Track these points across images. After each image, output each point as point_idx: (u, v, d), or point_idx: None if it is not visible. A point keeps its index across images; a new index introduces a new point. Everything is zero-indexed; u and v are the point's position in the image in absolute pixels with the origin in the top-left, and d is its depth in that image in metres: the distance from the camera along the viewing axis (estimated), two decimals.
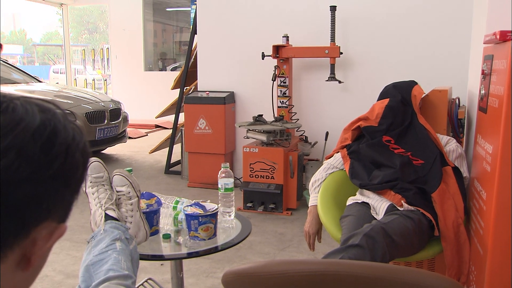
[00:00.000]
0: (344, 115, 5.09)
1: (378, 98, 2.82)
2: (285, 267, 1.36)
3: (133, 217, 1.87)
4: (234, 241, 2.01)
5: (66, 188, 0.66)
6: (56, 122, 0.64)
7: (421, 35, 4.87)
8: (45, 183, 0.62)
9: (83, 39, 30.02)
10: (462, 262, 2.30)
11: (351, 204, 2.52)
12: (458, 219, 2.31)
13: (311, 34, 5.17)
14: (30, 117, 0.62)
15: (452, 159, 2.55)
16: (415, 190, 2.37)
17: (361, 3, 5.06)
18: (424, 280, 1.39)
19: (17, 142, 0.59)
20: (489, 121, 2.12)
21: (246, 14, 5.52)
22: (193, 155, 5.62)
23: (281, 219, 4.48)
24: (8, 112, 0.61)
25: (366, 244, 1.94)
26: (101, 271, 1.50)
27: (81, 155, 0.67)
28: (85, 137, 0.71)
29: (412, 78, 4.44)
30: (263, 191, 4.59)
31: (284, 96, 5.20)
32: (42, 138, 0.61)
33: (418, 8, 4.85)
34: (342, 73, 5.12)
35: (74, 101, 6.52)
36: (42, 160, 0.61)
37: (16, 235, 0.61)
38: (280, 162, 4.57)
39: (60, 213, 0.67)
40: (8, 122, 0.60)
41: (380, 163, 2.58)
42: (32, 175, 0.60)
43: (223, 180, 2.22)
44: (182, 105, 6.08)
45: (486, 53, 2.29)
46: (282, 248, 3.78)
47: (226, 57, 5.70)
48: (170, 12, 13.76)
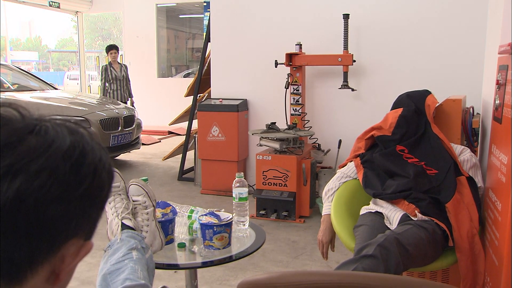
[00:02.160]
0: (357, 123, 5.11)
1: (392, 108, 2.82)
2: (300, 278, 1.37)
3: (149, 226, 1.89)
4: (249, 251, 2.02)
5: (93, 207, 0.68)
6: (84, 144, 0.67)
7: (435, 44, 4.88)
8: (74, 202, 0.64)
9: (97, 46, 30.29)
10: (477, 273, 2.29)
11: (365, 214, 2.52)
12: (472, 230, 2.31)
13: (324, 42, 5.19)
14: (60, 139, 0.64)
15: (467, 168, 2.55)
16: (429, 200, 2.37)
17: (374, 12, 5.07)
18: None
19: (49, 163, 0.61)
20: (504, 131, 2.12)
21: (259, 22, 5.56)
22: (206, 162, 5.65)
23: (294, 226, 4.49)
24: (41, 134, 0.63)
25: (380, 255, 1.94)
26: (118, 280, 1.52)
27: (107, 175, 0.70)
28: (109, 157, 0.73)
29: (426, 87, 4.43)
30: (276, 198, 4.60)
31: (297, 104, 5.21)
32: (72, 159, 0.64)
33: (432, 17, 4.86)
34: (355, 81, 5.13)
35: (88, 108, 6.59)
36: (71, 180, 0.63)
37: (47, 252, 0.63)
38: (293, 170, 4.58)
39: (87, 231, 0.69)
40: (41, 144, 0.62)
41: (393, 173, 2.58)
42: (63, 194, 0.62)
43: (237, 190, 2.23)
44: (195, 112, 6.12)
45: (501, 63, 2.28)
46: (295, 256, 3.78)
47: (239, 65, 5.73)
48: (183, 19, 13.85)
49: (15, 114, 0.66)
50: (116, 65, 8.44)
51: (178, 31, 14.07)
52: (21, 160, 0.60)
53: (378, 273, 1.86)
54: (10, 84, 7.38)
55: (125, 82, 8.55)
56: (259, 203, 4.70)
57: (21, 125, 0.64)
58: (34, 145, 0.62)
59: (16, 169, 0.59)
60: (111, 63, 8.39)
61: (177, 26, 13.79)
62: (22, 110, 0.67)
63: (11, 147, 0.60)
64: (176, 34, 14.05)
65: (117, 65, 8.44)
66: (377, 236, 2.12)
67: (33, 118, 0.66)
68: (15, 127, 0.63)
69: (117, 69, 8.40)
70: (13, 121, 0.64)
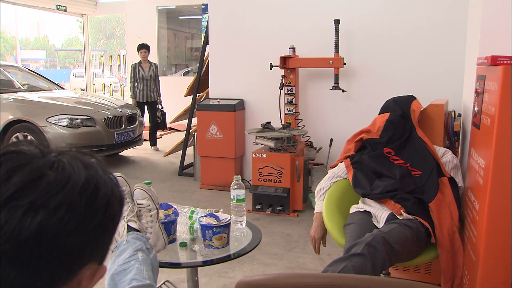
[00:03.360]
0: (347, 121, 5.17)
1: (380, 112, 2.86)
2: (294, 280, 1.41)
3: (153, 228, 1.93)
4: (246, 249, 2.06)
5: (106, 234, 0.72)
6: (98, 178, 0.70)
7: (420, 50, 4.91)
8: (89, 232, 0.68)
9: (100, 44, 30.16)
10: (456, 266, 2.35)
11: (354, 213, 2.56)
12: (453, 227, 2.36)
13: (316, 46, 5.21)
14: (76, 174, 0.68)
15: (448, 169, 2.59)
16: (414, 200, 2.42)
17: (364, 18, 5.09)
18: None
19: (66, 199, 0.65)
20: (482, 137, 2.16)
21: (255, 26, 5.58)
22: (205, 158, 5.68)
23: (288, 220, 4.53)
24: (59, 170, 0.67)
25: (368, 253, 1.99)
26: (125, 280, 1.56)
27: (118, 205, 0.74)
28: (119, 187, 0.77)
29: (412, 90, 4.48)
30: (271, 194, 4.64)
31: (291, 104, 5.24)
32: (87, 194, 0.67)
33: (418, 25, 4.89)
34: (346, 82, 5.16)
35: (93, 108, 6.60)
36: (87, 213, 0.67)
37: (65, 278, 0.67)
38: (287, 167, 4.62)
39: (100, 255, 0.73)
40: (59, 180, 0.66)
41: (381, 174, 2.63)
42: (79, 226, 0.66)
43: (235, 192, 2.27)
44: (194, 111, 6.15)
45: (479, 72, 2.32)
46: (289, 249, 3.82)
47: (236, 67, 5.75)
48: (183, 20, 13.83)
49: (36, 151, 0.69)
50: (146, 64, 7.98)
51: (178, 32, 14.04)
52: (42, 197, 0.63)
53: (366, 273, 1.91)
54: (20, 84, 7.39)
55: (153, 81, 8.02)
56: (255, 198, 4.73)
57: (42, 162, 0.67)
58: (53, 180, 0.65)
59: (37, 206, 0.63)
60: (141, 62, 7.95)
61: (176, 26, 13.76)
62: (42, 147, 0.71)
63: (33, 184, 0.64)
64: (175, 34, 14.03)
65: (146, 64, 7.98)
66: (365, 235, 2.17)
67: (51, 154, 0.70)
68: (38, 165, 0.66)
69: (145, 68, 7.92)
70: (35, 159, 0.67)
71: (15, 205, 0.62)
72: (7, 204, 0.62)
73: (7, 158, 0.66)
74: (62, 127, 6.05)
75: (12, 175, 0.64)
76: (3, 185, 0.63)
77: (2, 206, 0.61)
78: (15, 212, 0.62)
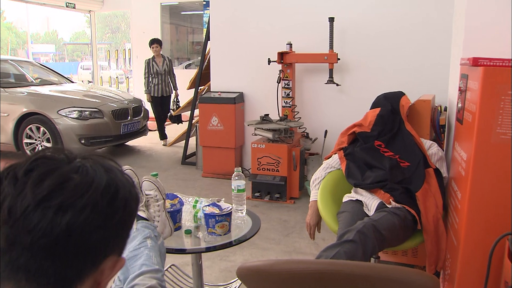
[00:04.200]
0: (341, 113, 5.22)
1: (371, 107, 2.91)
2: (290, 266, 1.48)
3: (160, 217, 1.98)
4: (246, 236, 2.12)
5: (124, 229, 0.78)
6: (117, 181, 0.76)
7: (409, 46, 4.95)
8: (111, 229, 0.74)
9: (106, 38, 30.02)
10: (440, 250, 2.42)
11: (347, 201, 2.62)
12: (437, 214, 2.42)
13: (312, 42, 5.24)
14: (98, 178, 0.73)
15: (434, 161, 2.65)
16: (402, 190, 2.48)
17: (357, 15, 5.12)
18: (406, 276, 1.50)
19: (91, 200, 0.70)
20: (464, 131, 2.22)
21: (254, 23, 5.60)
22: (207, 148, 5.73)
23: (285, 207, 4.60)
24: (83, 174, 0.73)
25: (359, 239, 2.05)
26: (136, 265, 1.62)
27: (134, 203, 0.79)
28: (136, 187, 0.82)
29: (401, 84, 4.53)
30: (269, 182, 4.70)
31: (288, 97, 5.28)
32: (108, 196, 0.73)
33: (407, 22, 4.93)
34: (339, 76, 5.20)
35: (101, 100, 6.64)
36: (108, 212, 0.73)
37: (90, 269, 0.73)
38: (284, 157, 4.68)
39: (120, 248, 0.79)
40: (84, 183, 0.71)
41: (372, 165, 2.68)
42: (102, 224, 0.72)
43: (236, 182, 2.32)
44: (196, 103, 6.20)
45: (462, 71, 2.37)
46: (286, 234, 3.89)
47: (236, 62, 5.78)
48: (185, 15, 13.80)
49: (63, 157, 0.75)
50: (159, 59, 7.60)
51: (180, 26, 14.03)
52: (69, 198, 0.69)
53: (357, 258, 1.97)
54: (33, 78, 7.43)
55: (167, 76, 7.66)
56: (254, 186, 4.79)
57: (68, 167, 0.73)
58: (79, 183, 0.71)
59: (66, 206, 0.69)
60: (154, 57, 7.58)
61: (179, 21, 13.74)
62: (68, 153, 0.76)
63: (61, 187, 0.69)
64: (178, 28, 14.01)
65: (159, 59, 7.60)
66: (357, 222, 2.22)
67: (76, 160, 0.75)
68: (65, 170, 0.72)
69: (159, 63, 7.56)
70: (63, 164, 0.73)
71: (47, 205, 0.68)
72: (40, 204, 0.68)
73: (38, 164, 0.72)
74: (72, 119, 6.10)
75: (43, 179, 0.69)
76: (36, 188, 0.68)
77: (36, 207, 0.67)
78: (47, 212, 0.67)
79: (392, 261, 3.13)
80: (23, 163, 0.73)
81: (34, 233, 0.67)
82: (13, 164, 0.74)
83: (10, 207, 0.68)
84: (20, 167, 0.72)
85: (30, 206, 0.67)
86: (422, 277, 1.54)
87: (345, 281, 1.41)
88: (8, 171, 0.72)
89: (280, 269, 1.47)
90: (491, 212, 2.02)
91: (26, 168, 0.71)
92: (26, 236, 0.67)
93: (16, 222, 0.67)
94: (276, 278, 1.48)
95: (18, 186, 0.69)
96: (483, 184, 2.01)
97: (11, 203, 0.68)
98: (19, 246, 0.68)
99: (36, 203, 0.68)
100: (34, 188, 0.69)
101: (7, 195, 0.69)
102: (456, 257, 2.19)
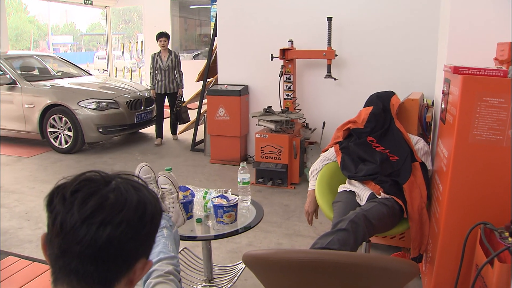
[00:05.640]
0: (338, 105, 5.31)
1: (365, 105, 2.99)
2: (289, 255, 1.59)
3: (174, 208, 2.10)
4: (251, 225, 2.25)
5: (151, 238, 0.89)
6: (145, 199, 0.87)
7: (401, 44, 5.01)
8: (141, 239, 0.85)
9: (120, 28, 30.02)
10: (423, 236, 2.53)
11: (341, 192, 2.73)
12: (422, 204, 2.53)
13: (312, 39, 5.30)
14: (130, 196, 0.84)
15: (420, 155, 2.75)
16: (391, 182, 2.58)
17: (353, 15, 5.17)
18: (390, 264, 1.62)
19: (126, 217, 0.82)
20: (446, 131, 2.31)
21: (259, 21, 5.66)
22: (214, 137, 5.84)
23: (286, 192, 4.71)
24: (118, 194, 0.83)
25: (351, 228, 2.16)
26: (154, 253, 1.73)
27: (159, 216, 0.90)
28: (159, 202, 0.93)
29: (394, 80, 4.60)
30: (271, 169, 4.81)
31: (289, 90, 5.36)
32: (139, 212, 0.84)
33: (400, 20, 4.97)
34: (337, 71, 5.27)
35: (116, 92, 6.74)
36: (139, 226, 0.84)
37: (125, 271, 0.85)
38: (286, 146, 4.78)
39: (148, 252, 0.90)
40: (119, 202, 0.82)
41: (364, 159, 2.78)
42: (134, 235, 0.83)
43: (241, 175, 2.43)
44: (204, 94, 6.29)
45: (446, 75, 2.46)
46: (287, 217, 4.01)
47: (242, 57, 5.85)
48: (193, 9, 13.83)
49: (100, 178, 0.85)
50: (165, 53, 6.80)
51: (189, 19, 14.06)
52: (108, 216, 0.80)
53: (349, 244, 2.08)
54: (55, 72, 7.54)
55: (171, 72, 6.83)
56: (257, 173, 4.91)
57: (106, 190, 0.84)
58: (115, 202, 0.82)
59: (106, 222, 0.80)
60: (160, 51, 6.82)
61: (188, 14, 13.76)
62: (104, 175, 0.87)
63: (102, 207, 0.80)
64: (186, 21, 14.04)
65: (165, 54, 6.80)
66: (349, 212, 2.34)
67: (112, 182, 0.86)
68: (104, 192, 0.83)
69: (164, 58, 6.77)
70: (101, 186, 0.84)
71: (91, 222, 0.79)
72: (85, 221, 0.79)
73: (81, 185, 0.83)
74: (91, 110, 6.22)
75: (87, 201, 0.80)
76: (82, 208, 0.80)
77: (82, 223, 0.79)
78: (91, 227, 0.79)
79: (382, 243, 3.25)
80: (69, 184, 0.84)
81: (81, 244, 0.78)
82: (61, 185, 0.85)
83: (61, 222, 0.79)
84: (67, 188, 0.83)
85: (77, 222, 0.79)
86: (403, 264, 1.66)
87: (335, 269, 1.52)
88: (57, 191, 0.83)
89: (280, 258, 1.59)
90: (467, 204, 2.13)
91: (72, 189, 0.82)
92: (75, 246, 0.78)
93: (67, 235, 0.79)
94: (277, 265, 1.59)
95: (66, 205, 0.80)
96: (461, 179, 2.12)
97: (62, 219, 0.79)
98: (70, 254, 0.79)
99: (82, 220, 0.79)
100: (80, 207, 0.80)
101: (58, 212, 0.80)
102: (436, 242, 2.32)
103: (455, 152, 2.10)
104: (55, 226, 0.80)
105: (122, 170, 0.95)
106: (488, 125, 2.01)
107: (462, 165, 2.10)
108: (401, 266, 1.61)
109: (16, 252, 3.35)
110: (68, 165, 5.83)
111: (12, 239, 3.59)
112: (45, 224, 0.84)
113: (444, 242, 2.23)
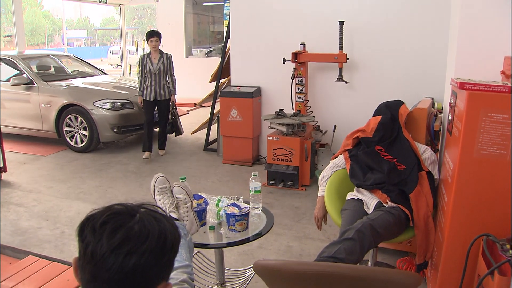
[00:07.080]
0: (349, 108, 5.38)
1: (374, 114, 3.06)
2: (298, 267, 1.69)
3: (188, 216, 2.20)
4: (261, 233, 2.34)
5: (171, 264, 0.99)
6: (166, 229, 0.97)
7: (412, 48, 5.06)
8: (162, 265, 0.96)
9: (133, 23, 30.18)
10: (428, 243, 2.62)
11: (349, 200, 2.82)
12: (428, 213, 2.61)
13: (324, 43, 5.37)
14: (152, 228, 0.95)
15: (427, 164, 2.82)
16: (397, 191, 2.66)
17: (365, 19, 5.23)
18: (393, 277, 1.71)
19: (149, 247, 0.92)
20: (452, 143, 2.39)
21: (271, 24, 5.74)
22: (227, 138, 5.95)
23: (297, 194, 4.81)
24: (142, 226, 0.94)
25: (357, 237, 2.25)
26: None
27: (177, 244, 1.01)
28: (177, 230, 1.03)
29: (404, 84, 4.65)
30: (283, 171, 4.91)
31: (301, 93, 5.44)
32: (160, 242, 0.95)
33: (411, 25, 5.02)
34: (348, 75, 5.34)
35: (130, 92, 6.86)
36: (160, 255, 0.94)
37: None
38: (297, 149, 4.87)
39: (168, 276, 1.00)
40: (143, 234, 0.93)
41: (372, 167, 2.86)
42: (156, 263, 0.94)
43: (253, 184, 2.52)
44: (218, 95, 6.39)
45: (453, 88, 2.52)
46: (297, 220, 4.10)
47: (254, 59, 5.94)
48: (206, 6, 13.96)
49: (125, 211, 0.96)
50: (155, 55, 5.95)
51: (202, 16, 14.18)
52: (134, 246, 0.91)
53: (355, 253, 2.17)
54: (70, 71, 7.72)
55: (162, 76, 5.97)
56: (269, 174, 5.01)
57: (132, 222, 0.94)
58: (139, 233, 0.92)
59: (132, 252, 0.91)
60: (150, 53, 5.98)
61: (201, 11, 13.90)
62: (129, 208, 0.97)
63: (128, 238, 0.91)
64: (200, 19, 14.17)
65: (156, 55, 5.95)
66: (356, 221, 2.43)
67: (136, 215, 0.96)
68: (129, 224, 0.93)
69: (154, 60, 5.93)
70: (127, 219, 0.94)
71: (119, 252, 0.90)
72: (114, 251, 0.90)
73: (109, 218, 0.94)
74: (106, 110, 6.36)
75: (115, 233, 0.91)
76: (110, 239, 0.90)
77: (111, 253, 0.89)
78: (119, 256, 0.90)
79: (389, 247, 3.33)
80: (98, 216, 0.94)
81: (110, 271, 0.89)
82: (91, 216, 0.96)
83: (92, 251, 0.90)
84: (97, 219, 0.94)
85: (107, 252, 0.90)
86: (405, 276, 1.75)
87: (341, 281, 1.62)
88: (88, 222, 0.94)
89: (291, 269, 1.69)
90: (471, 215, 2.21)
91: (101, 221, 0.93)
92: (105, 273, 0.89)
93: (97, 263, 0.90)
94: (285, 276, 1.70)
95: (96, 236, 0.91)
96: (465, 191, 2.20)
97: (93, 248, 0.90)
98: (100, 280, 0.90)
99: (111, 250, 0.90)
100: (108, 238, 0.91)
101: (89, 242, 0.91)
102: (440, 250, 2.40)
103: (459, 165, 2.18)
104: (86, 255, 0.91)
105: (145, 200, 1.06)
106: (492, 140, 2.09)
107: (466, 178, 2.18)
108: (404, 279, 1.70)
109: (36, 252, 3.49)
110: (84, 164, 5.99)
111: (32, 239, 3.74)
112: (63, 224, 0.96)
113: (448, 250, 2.32)
